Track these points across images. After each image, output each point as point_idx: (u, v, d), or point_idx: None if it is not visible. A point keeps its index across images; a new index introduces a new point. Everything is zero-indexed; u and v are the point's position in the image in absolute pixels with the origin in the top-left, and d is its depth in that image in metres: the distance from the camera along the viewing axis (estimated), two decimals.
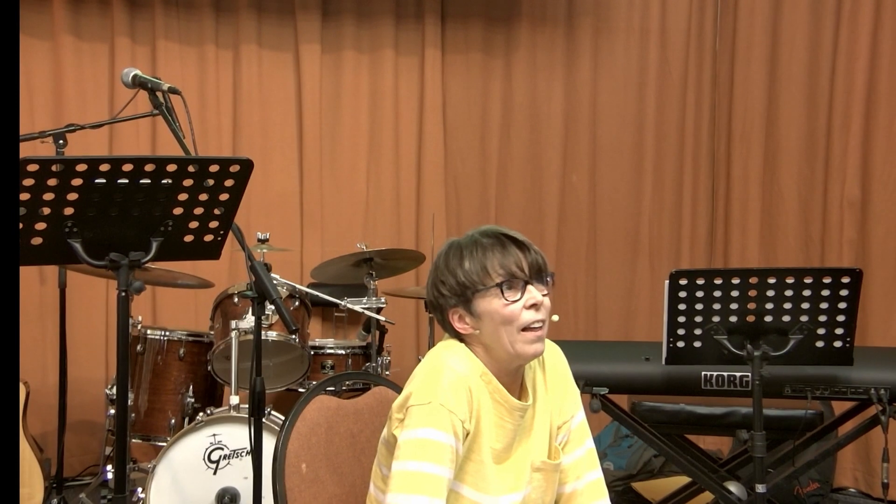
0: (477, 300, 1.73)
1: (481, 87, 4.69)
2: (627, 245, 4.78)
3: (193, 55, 4.40)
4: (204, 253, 2.13)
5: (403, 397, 1.71)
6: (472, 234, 1.79)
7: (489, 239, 1.76)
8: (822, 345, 2.53)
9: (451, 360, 1.73)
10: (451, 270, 1.76)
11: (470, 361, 1.74)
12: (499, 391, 1.75)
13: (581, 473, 1.88)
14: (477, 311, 1.74)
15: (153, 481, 3.05)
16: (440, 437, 1.64)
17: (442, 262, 1.79)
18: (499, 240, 1.76)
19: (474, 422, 1.70)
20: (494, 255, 1.74)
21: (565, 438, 1.88)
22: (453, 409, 1.65)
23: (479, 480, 1.72)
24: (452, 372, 1.69)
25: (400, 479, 1.63)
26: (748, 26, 4.59)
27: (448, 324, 1.79)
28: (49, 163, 1.83)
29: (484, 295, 1.73)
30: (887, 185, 4.25)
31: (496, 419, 1.75)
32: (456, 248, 1.78)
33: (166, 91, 2.40)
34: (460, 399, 1.67)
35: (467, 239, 1.79)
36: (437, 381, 1.68)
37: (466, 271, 1.74)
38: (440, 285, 1.77)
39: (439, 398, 1.65)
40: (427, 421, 1.64)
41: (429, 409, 1.65)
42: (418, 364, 1.79)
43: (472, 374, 1.72)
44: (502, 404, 1.75)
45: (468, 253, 1.75)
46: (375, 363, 3.59)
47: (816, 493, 3.81)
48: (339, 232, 4.52)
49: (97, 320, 4.22)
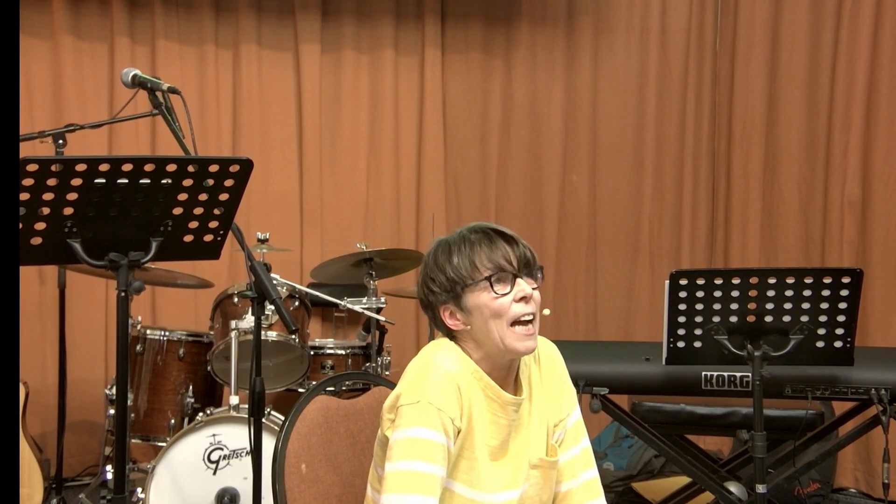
0: (466, 295, 1.74)
1: (481, 87, 4.69)
2: (627, 245, 4.77)
3: (193, 55, 4.40)
4: (204, 253, 2.13)
5: (393, 397, 1.71)
6: (460, 230, 1.80)
7: (477, 234, 1.77)
8: (823, 345, 2.53)
9: (440, 358, 1.73)
10: (441, 267, 1.76)
11: (460, 359, 1.75)
12: (490, 387, 1.75)
13: (577, 472, 1.88)
14: (467, 307, 1.74)
15: (153, 481, 3.05)
16: (431, 435, 1.64)
17: (431, 259, 1.79)
18: (486, 234, 1.77)
19: (465, 419, 1.70)
20: (482, 249, 1.74)
21: (561, 436, 1.88)
22: (442, 406, 1.65)
23: (472, 478, 1.72)
24: (441, 370, 1.70)
25: (393, 479, 1.64)
26: (748, 26, 4.59)
27: (440, 321, 1.79)
28: (49, 163, 1.83)
29: (473, 289, 1.73)
30: (888, 184, 4.25)
31: (490, 415, 1.75)
32: (444, 245, 1.79)
33: (166, 91, 2.39)
34: (449, 397, 1.67)
35: (455, 236, 1.79)
36: (426, 380, 1.68)
37: (455, 267, 1.74)
38: (430, 283, 1.78)
39: (428, 396, 1.66)
40: (417, 420, 1.65)
41: (418, 408, 1.65)
42: (409, 364, 1.79)
43: (462, 371, 1.73)
44: (495, 400, 1.75)
45: (456, 249, 1.76)
46: (375, 363, 3.59)
47: (817, 493, 3.81)
48: (339, 232, 4.52)
49: (97, 320, 4.22)
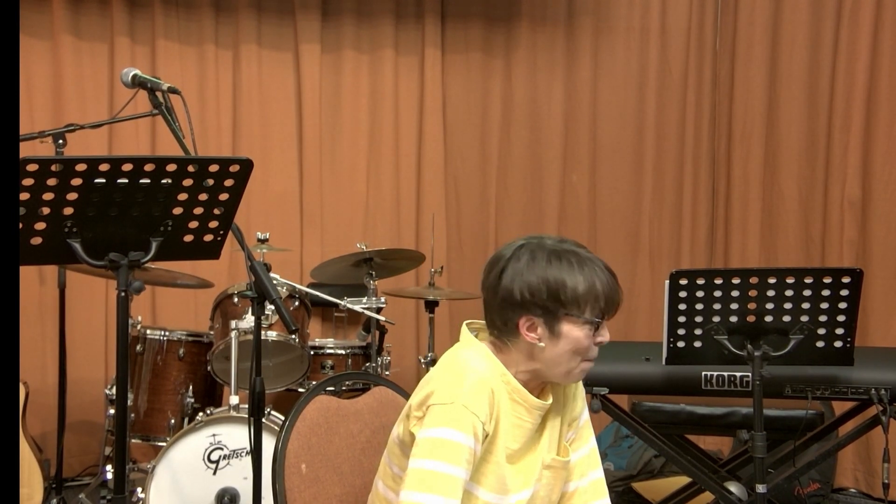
0: (564, 321, 1.69)
1: (481, 86, 4.69)
2: (627, 245, 4.77)
3: (193, 55, 4.39)
4: (204, 253, 2.13)
5: (424, 395, 1.69)
6: (576, 248, 1.72)
7: (599, 267, 1.70)
8: (823, 345, 2.53)
9: (473, 360, 1.72)
10: (551, 280, 1.67)
11: (491, 363, 1.73)
12: (518, 391, 1.73)
13: (585, 472, 1.88)
14: (557, 331, 1.69)
15: (153, 481, 3.05)
16: (459, 437, 1.62)
17: (541, 265, 1.69)
18: (609, 272, 1.71)
19: (493, 423, 1.69)
20: (602, 288, 1.69)
21: (572, 436, 1.88)
22: (475, 410, 1.64)
23: (495, 482, 1.72)
24: (476, 373, 1.68)
25: (415, 478, 1.62)
26: (748, 26, 4.59)
27: (509, 324, 1.72)
28: (49, 163, 1.83)
29: (575, 321, 1.69)
30: (888, 184, 4.24)
31: (514, 419, 1.74)
32: (561, 257, 1.69)
33: (166, 91, 2.39)
34: (482, 401, 1.66)
35: (570, 251, 1.71)
36: (461, 382, 1.67)
37: (572, 290, 1.67)
38: (532, 287, 1.68)
39: (462, 399, 1.64)
40: (447, 421, 1.63)
41: (450, 409, 1.64)
42: (439, 361, 1.77)
43: (493, 375, 1.72)
44: (521, 404, 1.74)
45: (579, 270, 1.68)
46: (375, 363, 3.59)
47: (817, 493, 3.81)
48: (339, 232, 4.52)
49: (97, 320, 4.21)
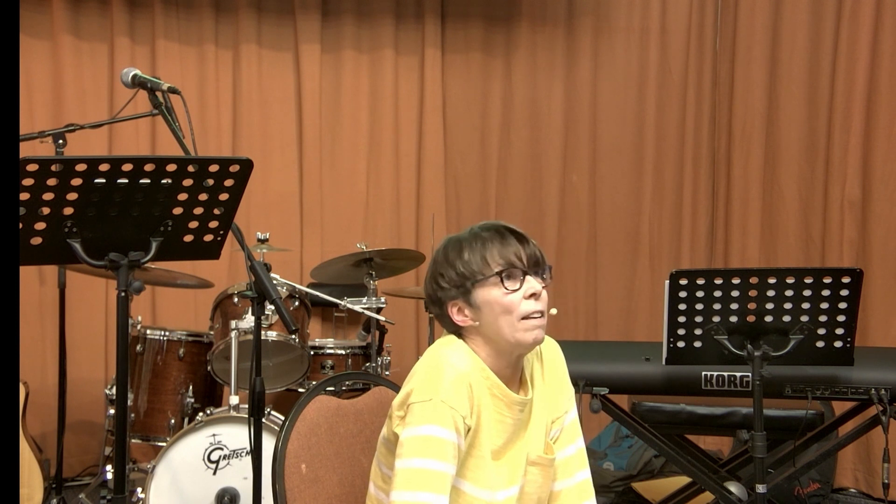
0: (477, 291, 1.75)
1: (481, 86, 4.69)
2: (627, 245, 4.77)
3: (193, 55, 4.40)
4: (204, 253, 2.13)
5: (404, 394, 1.71)
6: (471, 228, 1.82)
7: (488, 231, 1.79)
8: (823, 345, 2.53)
9: (451, 356, 1.73)
10: (451, 263, 1.78)
11: (470, 357, 1.75)
12: (497, 386, 1.75)
13: (572, 472, 1.89)
14: (476, 302, 1.75)
15: (153, 481, 3.05)
16: (443, 433, 1.64)
17: (441, 255, 1.81)
18: (498, 232, 1.78)
19: (475, 418, 1.70)
20: (494, 245, 1.76)
21: (557, 434, 1.89)
22: (455, 405, 1.66)
23: (479, 476, 1.73)
24: (453, 368, 1.70)
25: (404, 477, 1.63)
26: (748, 26, 4.59)
27: (447, 318, 1.80)
28: (49, 163, 1.83)
29: (483, 284, 1.74)
30: (888, 185, 4.24)
31: (496, 415, 1.75)
32: (455, 242, 1.80)
33: (166, 91, 2.39)
34: (461, 395, 1.68)
35: (466, 233, 1.81)
36: (439, 378, 1.68)
37: (466, 262, 1.76)
38: (439, 278, 1.79)
39: (441, 395, 1.66)
40: (429, 418, 1.65)
41: (431, 406, 1.65)
42: (419, 361, 1.79)
43: (472, 370, 1.73)
44: (501, 399, 1.75)
45: (467, 245, 1.78)
46: (375, 363, 3.59)
47: (817, 493, 3.81)
48: (339, 232, 4.52)
49: (97, 320, 4.21)
